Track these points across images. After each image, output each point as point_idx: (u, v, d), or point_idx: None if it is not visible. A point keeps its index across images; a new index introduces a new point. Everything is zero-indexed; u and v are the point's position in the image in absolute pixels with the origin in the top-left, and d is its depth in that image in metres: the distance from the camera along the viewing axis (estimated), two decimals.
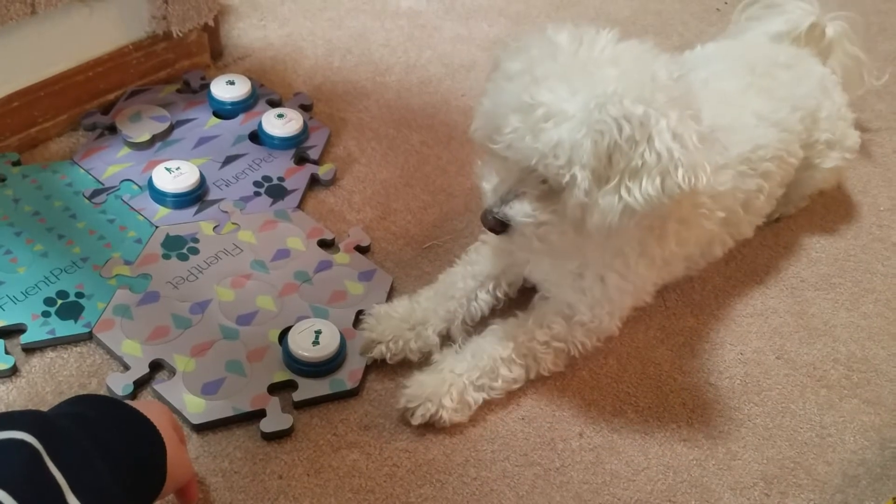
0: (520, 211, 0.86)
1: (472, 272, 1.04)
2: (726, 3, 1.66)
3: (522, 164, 0.83)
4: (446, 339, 1.02)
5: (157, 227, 1.10)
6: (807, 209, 1.27)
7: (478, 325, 1.04)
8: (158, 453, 0.74)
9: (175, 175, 1.13)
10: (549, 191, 0.84)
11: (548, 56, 0.83)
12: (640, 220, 0.85)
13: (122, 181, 1.16)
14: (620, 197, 0.81)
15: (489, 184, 0.89)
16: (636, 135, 0.79)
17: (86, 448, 0.65)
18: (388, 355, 0.98)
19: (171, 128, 1.24)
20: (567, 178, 0.80)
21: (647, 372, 1.04)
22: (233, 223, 1.12)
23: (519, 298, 1.07)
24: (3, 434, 0.62)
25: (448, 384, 0.94)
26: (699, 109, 0.86)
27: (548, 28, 0.86)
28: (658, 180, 0.80)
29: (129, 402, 0.78)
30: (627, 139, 0.79)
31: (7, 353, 0.95)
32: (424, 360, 0.99)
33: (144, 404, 0.78)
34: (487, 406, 0.98)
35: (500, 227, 0.88)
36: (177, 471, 0.76)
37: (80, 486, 0.61)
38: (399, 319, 0.99)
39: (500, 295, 1.06)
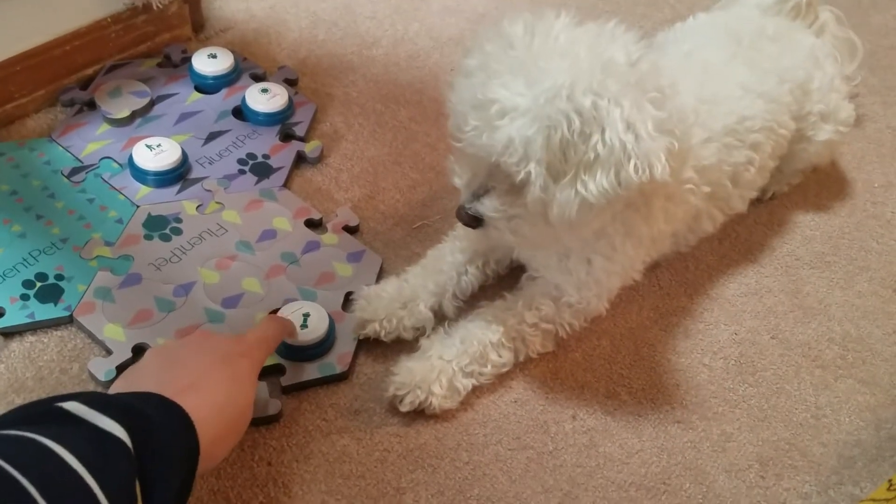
0: (489, 206, 0.86)
1: (461, 247, 1.03)
2: None
3: (487, 160, 0.82)
4: (439, 314, 1.00)
5: (138, 206, 1.07)
6: (800, 186, 1.25)
7: (469, 300, 1.02)
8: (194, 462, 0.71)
9: (156, 152, 1.10)
10: (517, 185, 0.82)
11: (502, 50, 0.82)
12: (600, 213, 0.83)
13: (102, 159, 1.12)
14: (577, 191, 0.79)
15: (461, 179, 0.89)
16: (586, 127, 0.77)
17: (157, 462, 0.64)
18: (383, 333, 0.97)
19: (152, 103, 1.20)
20: (522, 174, 0.79)
21: (641, 353, 1.03)
22: (217, 202, 1.09)
23: (508, 276, 1.06)
24: (104, 421, 0.61)
25: (437, 371, 0.92)
26: (664, 89, 0.83)
27: (504, 20, 0.84)
28: (612, 173, 0.78)
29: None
30: (578, 133, 0.77)
31: None
32: (419, 337, 0.97)
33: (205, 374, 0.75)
34: (479, 389, 0.96)
35: (474, 222, 0.88)
36: (216, 447, 0.74)
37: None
38: (389, 299, 0.98)
39: (489, 272, 1.05)
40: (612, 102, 0.77)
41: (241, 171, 1.14)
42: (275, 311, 0.97)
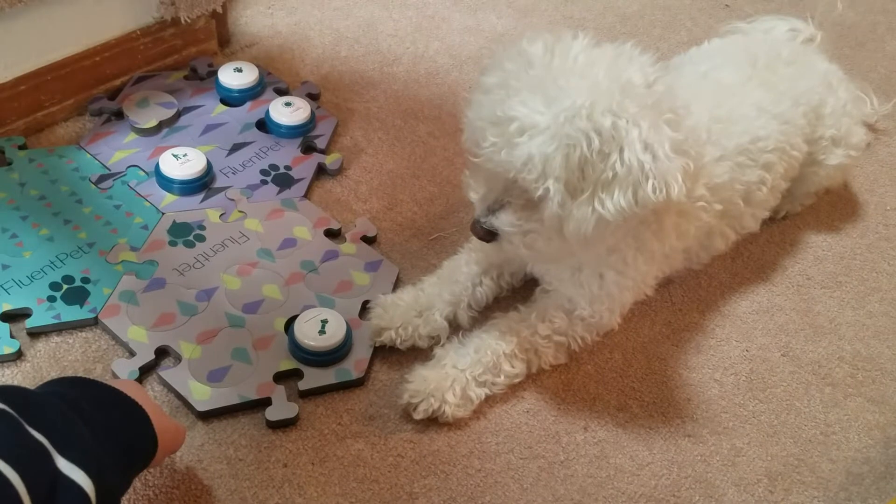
0: (505, 221, 0.87)
1: (476, 258, 1.05)
2: None
3: (504, 176, 0.84)
4: (453, 324, 1.02)
5: (163, 213, 1.10)
6: (813, 207, 1.26)
7: (483, 312, 1.04)
8: (140, 419, 0.74)
9: (182, 162, 1.13)
10: (533, 200, 0.84)
11: (521, 69, 0.83)
12: (616, 229, 0.85)
13: (129, 167, 1.15)
14: (594, 209, 0.81)
15: (476, 194, 0.90)
16: (605, 147, 0.79)
17: (65, 413, 0.65)
18: (398, 341, 0.99)
19: (178, 114, 1.23)
20: (541, 190, 0.81)
21: (653, 367, 1.04)
22: (239, 211, 1.12)
23: (522, 288, 1.07)
24: None
25: (451, 380, 0.94)
26: (678, 110, 0.85)
27: (523, 39, 0.86)
28: (630, 192, 0.80)
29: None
30: (597, 152, 0.79)
31: (12, 337, 0.95)
32: (434, 346, 0.99)
33: (119, 383, 0.78)
34: (492, 399, 0.98)
35: (488, 236, 0.89)
36: (167, 436, 0.77)
37: (66, 447, 0.62)
38: (406, 307, 1.00)
39: (503, 284, 1.07)
40: (631, 123, 0.79)
41: (264, 182, 1.17)
42: (294, 318, 0.99)
